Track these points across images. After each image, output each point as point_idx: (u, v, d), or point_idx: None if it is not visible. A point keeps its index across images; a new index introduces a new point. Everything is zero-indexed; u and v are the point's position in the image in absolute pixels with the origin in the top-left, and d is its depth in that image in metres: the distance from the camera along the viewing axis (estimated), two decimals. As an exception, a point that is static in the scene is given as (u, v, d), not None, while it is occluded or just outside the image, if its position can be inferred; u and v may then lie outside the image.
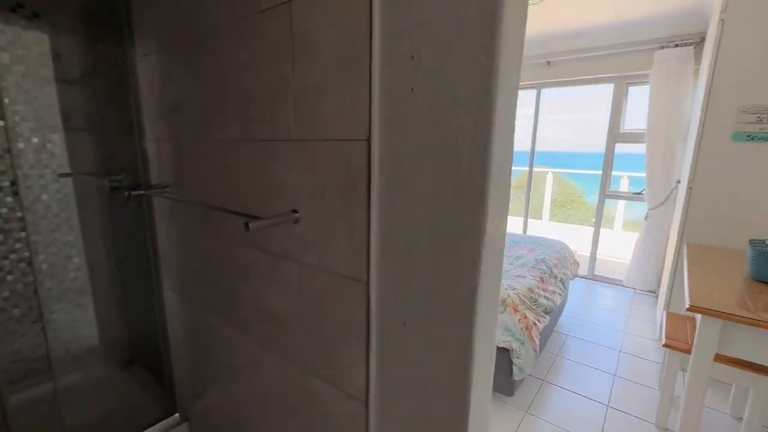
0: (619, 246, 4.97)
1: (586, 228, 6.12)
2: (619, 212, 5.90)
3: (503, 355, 1.84)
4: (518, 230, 4.45)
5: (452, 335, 0.61)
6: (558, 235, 3.70)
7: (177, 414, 1.50)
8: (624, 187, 5.13)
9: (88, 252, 1.82)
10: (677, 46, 2.93)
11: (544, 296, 2.23)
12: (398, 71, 0.60)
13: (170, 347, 1.47)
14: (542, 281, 2.32)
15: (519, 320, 1.91)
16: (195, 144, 1.09)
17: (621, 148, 3.60)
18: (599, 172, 3.74)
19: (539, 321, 2.05)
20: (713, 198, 2.16)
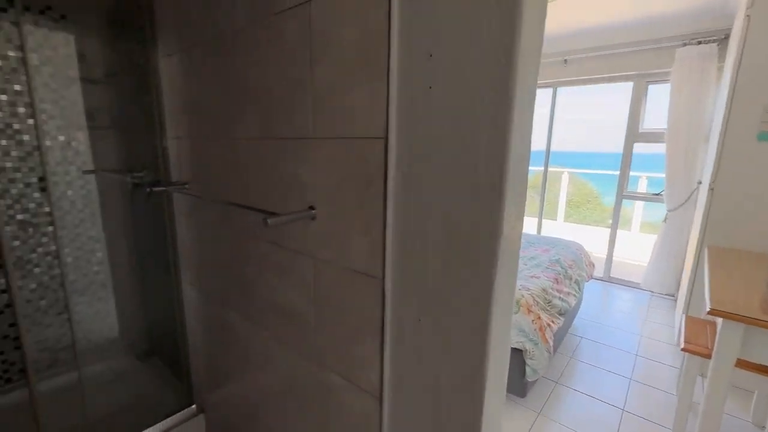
0: (637, 248, 4.86)
1: (602, 229, 6.00)
2: (637, 214, 5.77)
3: (516, 356, 1.83)
4: (532, 231, 4.40)
5: (467, 333, 0.61)
6: (573, 237, 3.65)
7: (194, 405, 1.54)
8: (642, 188, 5.01)
9: (110, 246, 1.88)
10: (700, 43, 2.85)
11: (559, 297, 2.21)
12: (416, 69, 0.61)
13: (188, 340, 1.51)
14: (557, 282, 2.29)
15: (533, 321, 1.89)
16: (214, 142, 1.11)
17: (639, 148, 3.52)
18: (617, 173, 3.66)
19: (553, 322, 2.03)
20: (736, 199, 2.10)
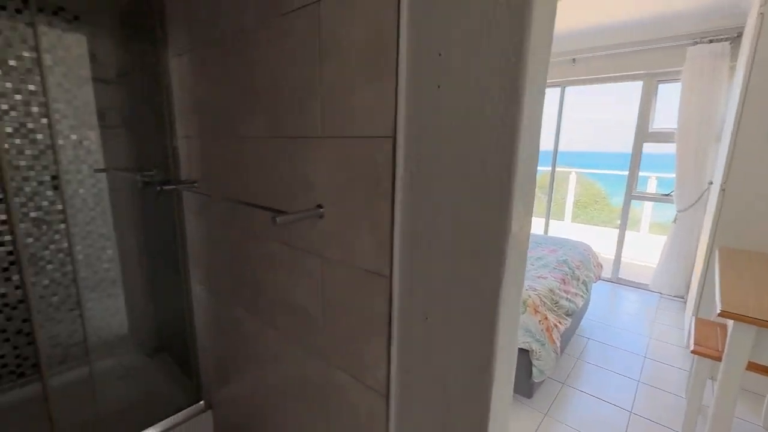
0: (645, 249, 4.80)
1: (610, 230, 5.94)
2: (646, 214, 5.70)
3: (523, 356, 1.82)
4: (539, 231, 4.37)
5: (474, 333, 0.61)
6: (580, 237, 3.62)
7: (201, 402, 1.56)
8: (652, 189, 4.95)
9: (120, 244, 1.90)
10: (712, 42, 2.81)
11: (566, 298, 2.19)
12: (425, 68, 0.61)
13: (196, 337, 1.53)
14: (564, 283, 2.28)
15: (539, 321, 1.88)
16: (224, 141, 1.12)
17: (649, 148, 3.47)
18: (625, 173, 3.62)
19: (560, 323, 2.01)
20: (748, 200, 2.07)
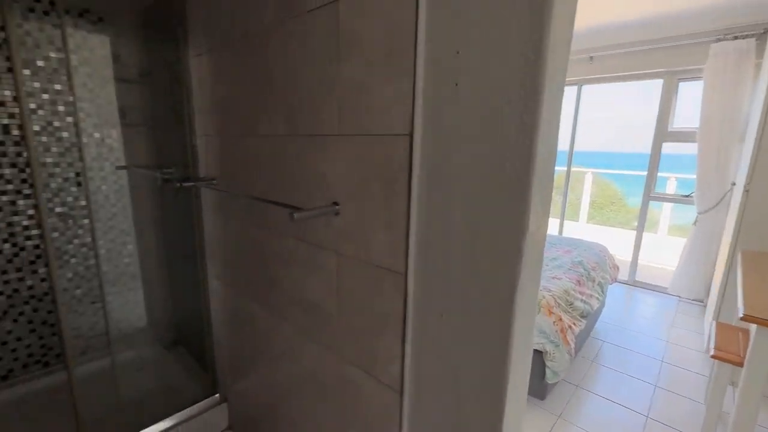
0: (664, 251, 4.69)
1: (627, 231, 5.82)
2: (665, 216, 5.56)
3: (536, 358, 1.80)
4: (554, 231, 4.31)
5: (490, 332, 0.61)
6: (596, 238, 3.55)
7: (217, 394, 1.59)
8: (671, 190, 4.82)
9: (140, 239, 1.96)
10: (736, 38, 2.72)
11: (581, 299, 2.16)
12: (442, 66, 0.61)
13: (212, 331, 1.56)
14: (579, 284, 2.24)
15: (554, 322, 1.86)
16: (242, 138, 1.14)
17: (667, 149, 3.39)
18: (643, 173, 3.54)
19: (575, 324, 1.99)
20: (773, 202, 2.00)
